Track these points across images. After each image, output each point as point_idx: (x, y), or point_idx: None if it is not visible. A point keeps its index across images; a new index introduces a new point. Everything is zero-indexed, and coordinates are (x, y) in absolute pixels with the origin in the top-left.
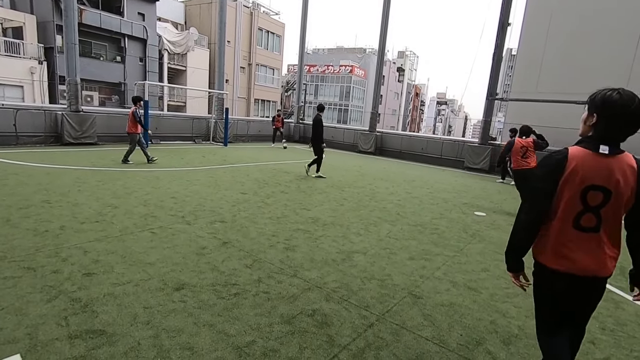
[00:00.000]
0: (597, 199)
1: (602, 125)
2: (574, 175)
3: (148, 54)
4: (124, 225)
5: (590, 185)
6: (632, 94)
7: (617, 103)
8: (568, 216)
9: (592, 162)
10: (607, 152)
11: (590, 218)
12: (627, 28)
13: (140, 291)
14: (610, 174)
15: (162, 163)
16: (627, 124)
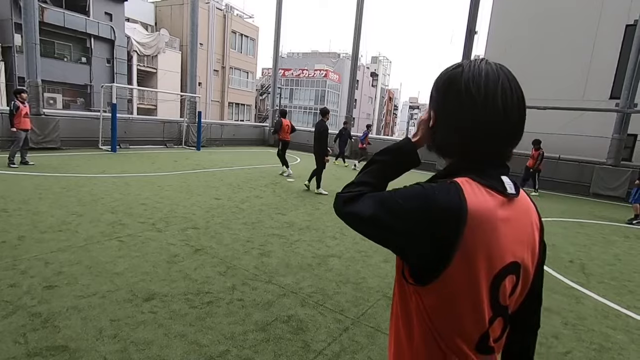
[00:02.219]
0: (509, 288)
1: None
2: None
3: (116, 56)
4: (89, 234)
5: (502, 267)
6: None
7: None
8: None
9: (500, 217)
10: (514, 191)
11: (497, 326)
12: (583, 35)
13: (107, 303)
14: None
15: (132, 168)
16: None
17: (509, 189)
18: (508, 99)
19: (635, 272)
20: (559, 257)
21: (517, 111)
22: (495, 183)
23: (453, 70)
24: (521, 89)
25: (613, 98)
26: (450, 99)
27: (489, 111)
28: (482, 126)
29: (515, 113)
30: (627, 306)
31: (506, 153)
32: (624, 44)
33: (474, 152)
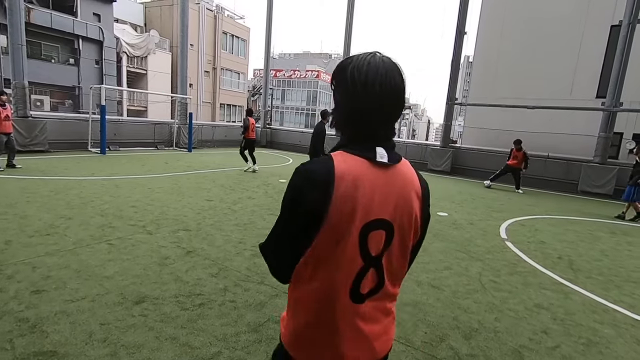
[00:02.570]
0: (381, 243)
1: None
2: (345, 204)
3: (105, 57)
4: (78, 237)
5: (371, 222)
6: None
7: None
8: (340, 279)
9: (369, 180)
10: (385, 159)
11: (372, 276)
12: (570, 36)
13: (97, 307)
14: (390, 198)
15: (122, 171)
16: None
17: (379, 158)
18: (384, 87)
19: (621, 267)
20: (548, 253)
21: (391, 99)
22: (366, 153)
23: (345, 61)
24: (401, 80)
25: (599, 97)
26: (339, 85)
27: (367, 97)
28: (360, 110)
29: (390, 100)
30: (614, 301)
31: (385, 132)
32: (609, 44)
33: (355, 130)
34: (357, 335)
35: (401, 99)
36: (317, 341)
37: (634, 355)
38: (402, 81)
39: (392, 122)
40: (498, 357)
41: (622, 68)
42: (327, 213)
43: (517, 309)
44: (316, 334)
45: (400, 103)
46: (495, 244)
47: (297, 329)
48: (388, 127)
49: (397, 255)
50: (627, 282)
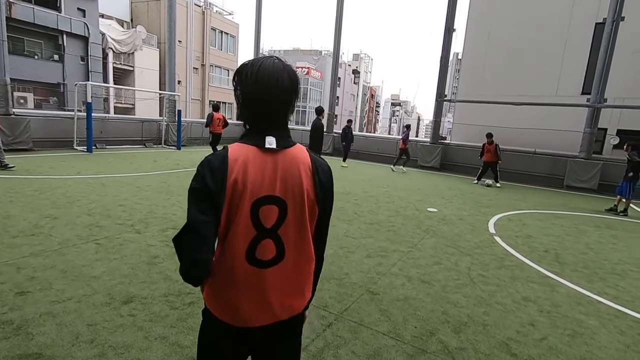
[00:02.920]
0: (275, 217)
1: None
2: (237, 185)
3: (90, 53)
4: (64, 237)
5: (261, 197)
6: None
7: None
8: (238, 246)
9: (256, 162)
10: (274, 145)
11: (269, 246)
12: (556, 33)
13: (84, 307)
14: (281, 178)
15: (109, 169)
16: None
17: (267, 145)
18: (272, 86)
19: (605, 260)
20: (535, 247)
21: (278, 96)
22: (257, 141)
23: (244, 63)
24: (289, 80)
25: (584, 94)
26: (238, 84)
27: (258, 95)
28: (253, 104)
29: (277, 97)
30: (598, 292)
31: (275, 123)
32: (593, 42)
33: (250, 122)
34: (258, 297)
35: (287, 96)
36: (225, 299)
37: (617, 345)
38: (291, 81)
39: (281, 115)
40: (487, 350)
41: (606, 65)
42: (224, 193)
43: (505, 302)
44: (224, 293)
45: (287, 99)
46: (484, 239)
47: (211, 290)
48: (278, 119)
49: (293, 229)
50: (611, 274)
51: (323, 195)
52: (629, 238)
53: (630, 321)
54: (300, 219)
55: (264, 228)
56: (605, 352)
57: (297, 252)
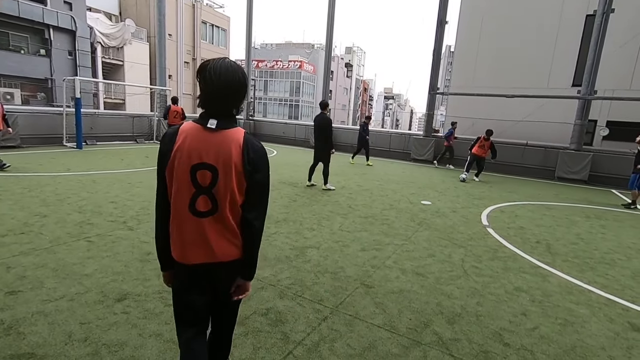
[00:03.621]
0: (208, 179)
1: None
2: (181, 152)
3: (78, 47)
4: (55, 235)
5: (197, 163)
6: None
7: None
8: (183, 199)
9: (197, 138)
10: (214, 126)
11: (205, 201)
12: (547, 26)
13: (76, 306)
14: (215, 151)
15: (100, 166)
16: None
17: (209, 125)
18: (218, 82)
19: (595, 249)
20: (527, 238)
21: (226, 89)
22: (202, 121)
23: (205, 62)
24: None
25: (575, 86)
26: (200, 77)
27: (209, 88)
28: (206, 94)
29: (221, 91)
30: (589, 282)
31: (221, 109)
32: (584, 34)
33: (203, 108)
34: (200, 239)
35: (231, 91)
36: (177, 242)
37: (606, 332)
38: (239, 78)
39: (228, 104)
40: (480, 340)
41: (597, 57)
42: (169, 155)
43: (497, 293)
44: (176, 238)
45: (233, 92)
46: (477, 231)
47: (171, 238)
48: (225, 106)
49: (222, 189)
50: (601, 264)
51: (251, 169)
52: (618, 228)
53: (619, 309)
54: (229, 184)
55: (200, 187)
56: (595, 340)
57: (229, 209)
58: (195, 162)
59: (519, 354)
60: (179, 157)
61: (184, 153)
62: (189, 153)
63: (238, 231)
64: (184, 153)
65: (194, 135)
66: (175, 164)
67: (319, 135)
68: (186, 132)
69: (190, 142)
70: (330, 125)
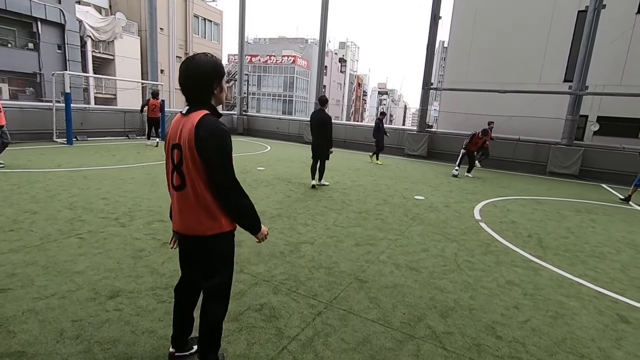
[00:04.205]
0: (177, 157)
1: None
2: (168, 134)
3: (67, 41)
4: (45, 232)
5: (172, 144)
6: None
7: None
8: (167, 176)
9: (175, 122)
10: (184, 112)
11: (177, 177)
12: (540, 21)
13: (68, 303)
14: (181, 132)
15: (91, 161)
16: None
17: (183, 112)
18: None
19: (586, 243)
20: (519, 232)
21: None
22: (183, 110)
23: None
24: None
25: (566, 81)
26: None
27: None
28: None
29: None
30: (579, 275)
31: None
32: (575, 30)
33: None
34: (175, 210)
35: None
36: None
37: (596, 324)
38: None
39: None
40: (473, 334)
41: (588, 53)
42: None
43: (490, 287)
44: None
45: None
46: (469, 225)
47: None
48: (192, 94)
49: (185, 167)
50: (591, 257)
51: (200, 145)
52: (607, 222)
53: (608, 301)
54: (187, 161)
55: (174, 164)
56: (585, 332)
57: (192, 186)
58: (172, 142)
59: (511, 347)
60: (167, 139)
61: (169, 135)
62: (170, 135)
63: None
64: (169, 135)
65: (175, 120)
66: (165, 145)
67: (318, 132)
68: (174, 119)
69: (172, 126)
70: (330, 122)
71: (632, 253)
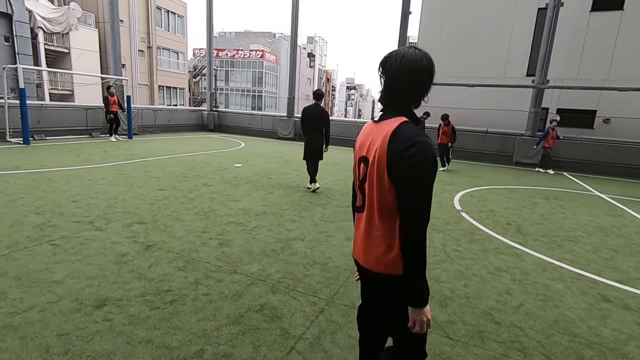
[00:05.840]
0: (362, 173)
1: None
2: (355, 148)
3: (16, 33)
4: (12, 240)
5: (360, 157)
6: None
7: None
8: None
9: (365, 131)
10: (377, 119)
11: (359, 195)
12: (504, 18)
13: (49, 316)
14: (371, 143)
15: (53, 162)
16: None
17: (375, 118)
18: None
19: (559, 228)
20: (498, 220)
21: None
22: (375, 117)
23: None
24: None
25: (529, 75)
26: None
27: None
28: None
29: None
30: (559, 259)
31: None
32: (536, 26)
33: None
34: (358, 236)
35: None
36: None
37: (582, 305)
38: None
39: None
40: (473, 321)
41: (548, 48)
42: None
43: (481, 274)
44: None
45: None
46: (452, 215)
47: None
48: (399, 98)
49: (369, 184)
50: (566, 241)
51: (393, 160)
52: (574, 207)
53: (588, 282)
54: (375, 179)
55: (358, 180)
56: (574, 313)
57: (379, 207)
58: (359, 155)
59: (510, 331)
60: (354, 150)
61: (357, 146)
62: (358, 145)
63: (391, 241)
64: (357, 146)
65: (365, 128)
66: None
67: (314, 128)
68: (364, 127)
69: (361, 135)
70: (328, 117)
71: (601, 235)
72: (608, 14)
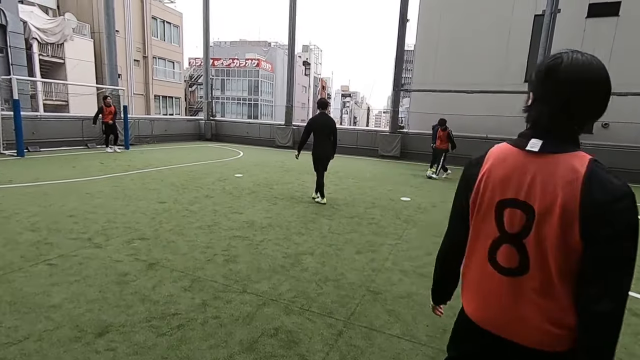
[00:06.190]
0: (518, 222)
1: (535, 107)
2: (486, 184)
3: (10, 44)
4: (6, 260)
5: (504, 199)
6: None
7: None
8: (481, 245)
9: (512, 163)
10: (536, 148)
11: (510, 251)
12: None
13: (47, 347)
14: (532, 182)
15: (49, 175)
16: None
17: (529, 147)
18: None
19: None
20: None
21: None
22: (519, 142)
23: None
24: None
25: (527, 82)
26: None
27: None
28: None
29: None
30: None
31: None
32: (533, 33)
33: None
34: (496, 300)
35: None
36: (472, 293)
37: None
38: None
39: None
40: None
41: (546, 54)
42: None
43: None
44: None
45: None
46: None
47: (464, 285)
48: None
49: (539, 240)
50: None
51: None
52: None
53: None
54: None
55: (505, 231)
56: None
57: (541, 269)
58: (502, 197)
59: None
60: (481, 188)
61: (489, 183)
62: (493, 182)
63: (566, 312)
64: (489, 183)
65: (508, 158)
66: (478, 195)
67: (326, 138)
68: (505, 154)
69: (497, 167)
70: (335, 127)
71: None
72: (604, 20)
